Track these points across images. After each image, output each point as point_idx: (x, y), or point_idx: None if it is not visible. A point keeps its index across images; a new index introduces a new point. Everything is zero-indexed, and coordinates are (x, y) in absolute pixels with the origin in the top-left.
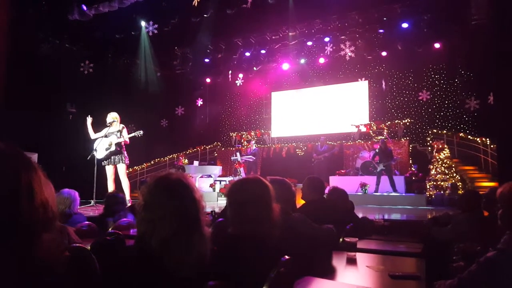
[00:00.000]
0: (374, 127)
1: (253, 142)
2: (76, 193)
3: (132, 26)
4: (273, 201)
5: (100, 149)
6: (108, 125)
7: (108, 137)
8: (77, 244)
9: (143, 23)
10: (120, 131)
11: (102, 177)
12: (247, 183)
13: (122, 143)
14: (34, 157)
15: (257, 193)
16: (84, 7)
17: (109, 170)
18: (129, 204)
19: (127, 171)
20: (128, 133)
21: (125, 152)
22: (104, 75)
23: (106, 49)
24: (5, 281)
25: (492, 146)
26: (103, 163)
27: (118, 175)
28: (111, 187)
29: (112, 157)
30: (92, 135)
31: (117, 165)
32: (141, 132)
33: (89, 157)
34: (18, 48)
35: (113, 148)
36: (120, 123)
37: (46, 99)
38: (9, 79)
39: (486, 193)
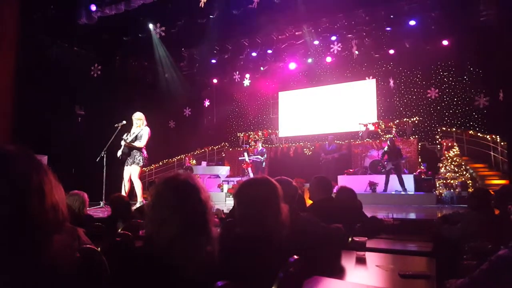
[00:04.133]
0: (383, 126)
1: (260, 142)
2: (86, 195)
3: (139, 28)
4: (281, 201)
5: (119, 149)
6: (116, 126)
7: (127, 138)
8: (87, 245)
9: (150, 25)
10: (138, 135)
11: (111, 178)
12: (255, 183)
13: (138, 146)
14: (44, 159)
15: (265, 193)
16: (94, 7)
17: (124, 171)
18: (138, 206)
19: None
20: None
21: (143, 154)
22: (113, 77)
23: (114, 52)
24: (16, 282)
25: (502, 143)
26: (125, 164)
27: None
28: (125, 188)
29: (127, 159)
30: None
31: (131, 166)
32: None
33: (98, 158)
34: (27, 52)
35: (123, 149)
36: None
37: (55, 101)
38: (19, 83)
39: (497, 190)
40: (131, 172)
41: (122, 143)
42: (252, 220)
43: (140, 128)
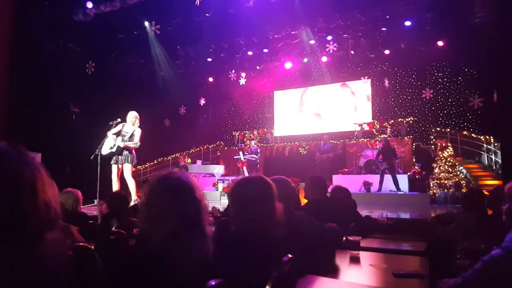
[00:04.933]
0: (377, 126)
1: (253, 142)
2: (79, 192)
3: (134, 26)
4: (276, 200)
5: (106, 146)
6: (111, 124)
7: (120, 136)
8: (81, 244)
9: (146, 23)
10: (133, 135)
11: (105, 176)
12: (250, 182)
13: (132, 147)
14: (38, 156)
15: (260, 192)
16: (90, 4)
17: (114, 169)
18: (132, 204)
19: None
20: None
21: (133, 153)
22: (107, 75)
23: (109, 49)
24: (7, 281)
25: (495, 144)
26: (111, 162)
27: (124, 175)
28: (115, 186)
29: (117, 157)
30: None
31: (123, 165)
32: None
33: (92, 156)
34: (21, 49)
35: (114, 149)
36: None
37: (49, 99)
38: (13, 80)
39: (490, 191)
40: (124, 171)
41: (116, 142)
42: (246, 219)
43: (133, 128)
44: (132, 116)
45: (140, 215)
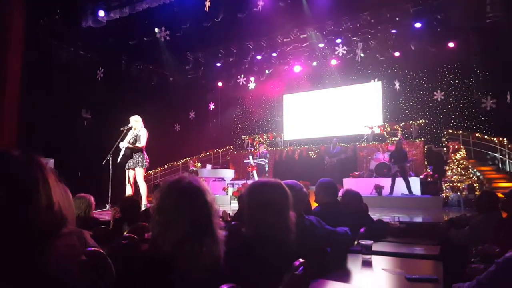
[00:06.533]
0: (388, 128)
1: (262, 146)
2: (92, 198)
3: (144, 32)
4: (291, 206)
5: (119, 153)
6: (122, 129)
7: (126, 141)
8: (93, 248)
9: (156, 29)
10: (137, 136)
11: (117, 181)
12: (269, 186)
13: (139, 147)
14: (51, 162)
15: (278, 197)
16: (102, 13)
17: (128, 174)
18: (143, 208)
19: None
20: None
21: (144, 156)
22: (118, 81)
23: (119, 55)
24: (14, 285)
25: (509, 145)
26: (125, 167)
27: (136, 179)
28: (128, 191)
29: (129, 161)
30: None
31: (135, 169)
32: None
33: (104, 162)
34: (34, 56)
35: (123, 152)
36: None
37: (62, 105)
38: (25, 87)
39: (506, 193)
40: (136, 175)
41: (124, 146)
42: (261, 222)
43: (137, 130)
44: (134, 120)
45: (152, 220)
